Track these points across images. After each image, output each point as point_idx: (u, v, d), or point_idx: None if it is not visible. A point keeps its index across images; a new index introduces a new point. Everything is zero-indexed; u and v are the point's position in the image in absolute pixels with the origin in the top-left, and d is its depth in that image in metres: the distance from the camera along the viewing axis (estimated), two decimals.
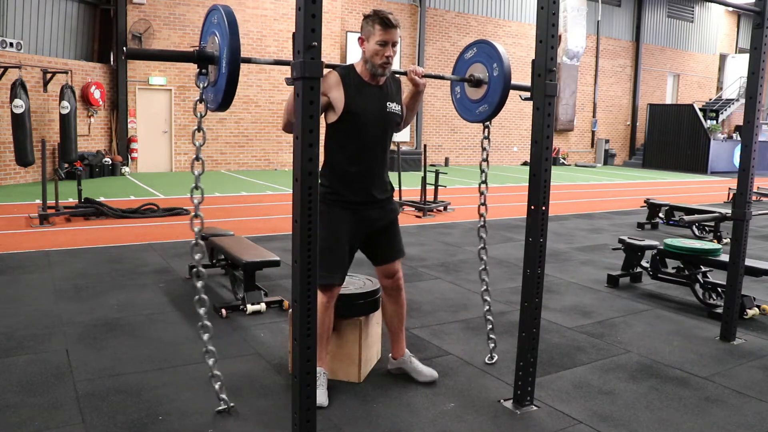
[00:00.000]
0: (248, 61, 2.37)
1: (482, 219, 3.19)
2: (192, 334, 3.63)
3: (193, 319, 3.86)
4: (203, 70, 2.35)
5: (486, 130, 3.17)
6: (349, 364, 2.99)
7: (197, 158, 2.49)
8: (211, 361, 2.65)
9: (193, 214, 2.54)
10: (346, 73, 2.74)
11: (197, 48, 2.36)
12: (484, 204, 3.17)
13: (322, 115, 2.75)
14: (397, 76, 2.89)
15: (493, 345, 3.35)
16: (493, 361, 3.33)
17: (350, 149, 2.76)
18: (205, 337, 2.64)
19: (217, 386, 2.65)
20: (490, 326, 3.33)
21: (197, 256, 2.58)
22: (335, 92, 2.70)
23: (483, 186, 3.17)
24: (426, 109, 18.45)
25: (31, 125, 10.54)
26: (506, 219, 8.17)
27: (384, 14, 2.66)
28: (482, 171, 3.17)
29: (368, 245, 2.92)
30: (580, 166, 20.95)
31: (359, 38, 2.74)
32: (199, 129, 2.46)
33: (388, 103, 2.80)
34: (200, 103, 2.41)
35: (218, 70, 2.29)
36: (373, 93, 2.76)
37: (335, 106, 2.71)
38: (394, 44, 2.69)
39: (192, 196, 2.51)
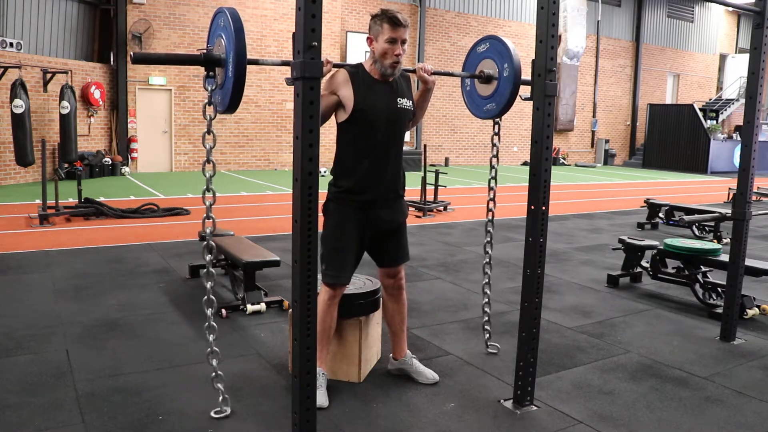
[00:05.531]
0: (255, 62, 2.37)
1: (491, 214, 3.24)
2: (192, 334, 3.63)
3: (193, 319, 3.87)
4: (210, 73, 2.36)
5: (496, 126, 3.19)
6: (349, 364, 2.99)
7: (208, 161, 2.49)
8: (214, 362, 2.65)
9: (205, 216, 2.55)
10: (355, 71, 2.72)
11: (204, 51, 2.37)
12: (493, 199, 3.22)
13: (333, 114, 2.74)
14: (406, 73, 2.86)
15: (488, 335, 3.40)
16: (494, 351, 3.39)
17: (362, 146, 2.72)
18: (211, 338, 2.63)
19: (221, 387, 2.65)
20: (486, 318, 3.38)
21: (208, 257, 2.58)
22: (344, 90, 2.67)
23: (492, 182, 3.22)
24: (426, 109, 18.43)
25: (31, 125, 10.54)
26: (506, 219, 8.17)
27: (392, 13, 2.65)
28: (492, 167, 3.20)
29: (374, 247, 2.90)
30: (580, 166, 20.95)
31: (368, 38, 2.72)
32: (209, 132, 2.46)
33: (399, 99, 2.77)
34: (209, 105, 2.41)
35: (225, 72, 2.29)
36: (383, 90, 2.73)
37: (345, 104, 2.68)
38: (403, 42, 2.66)
39: (204, 196, 2.52)
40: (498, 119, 3.15)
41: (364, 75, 2.72)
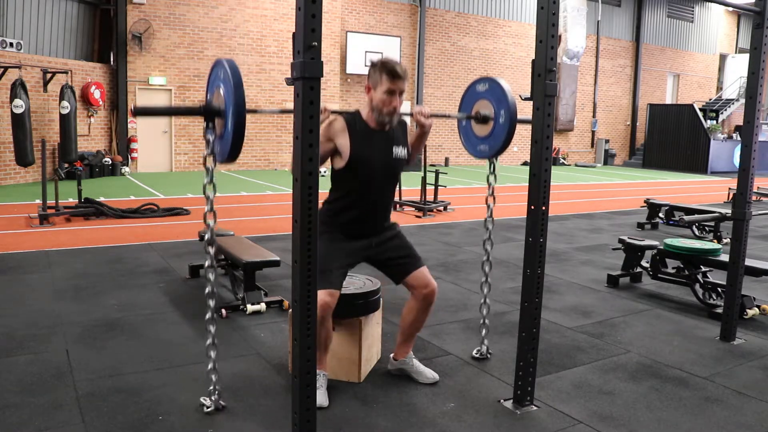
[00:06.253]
0: (254, 112, 2.45)
1: (487, 254, 3.24)
2: (192, 334, 3.63)
3: (193, 319, 3.87)
4: (210, 124, 2.40)
5: (492, 165, 3.19)
6: (349, 364, 2.99)
7: (211, 209, 2.53)
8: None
9: (208, 264, 2.57)
10: (352, 119, 2.78)
11: (204, 103, 2.42)
12: (489, 239, 3.23)
13: (329, 159, 2.80)
14: (403, 119, 2.92)
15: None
16: (482, 353, 3.34)
17: (356, 193, 2.80)
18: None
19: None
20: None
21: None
22: (341, 139, 2.74)
23: (489, 223, 3.22)
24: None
25: (31, 125, 10.54)
26: (506, 219, 8.17)
27: (392, 65, 2.69)
28: (488, 206, 3.20)
29: (381, 265, 2.95)
30: (580, 166, 20.95)
31: (366, 86, 2.78)
32: (211, 181, 2.50)
33: (394, 148, 2.84)
34: (209, 155, 2.44)
35: (225, 124, 2.32)
36: (379, 139, 2.80)
37: (342, 153, 2.74)
38: (401, 93, 2.73)
39: (206, 244, 2.56)
40: (494, 159, 3.16)
41: (360, 124, 2.78)
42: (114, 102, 13.49)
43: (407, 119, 2.99)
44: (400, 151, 2.86)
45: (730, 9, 23.49)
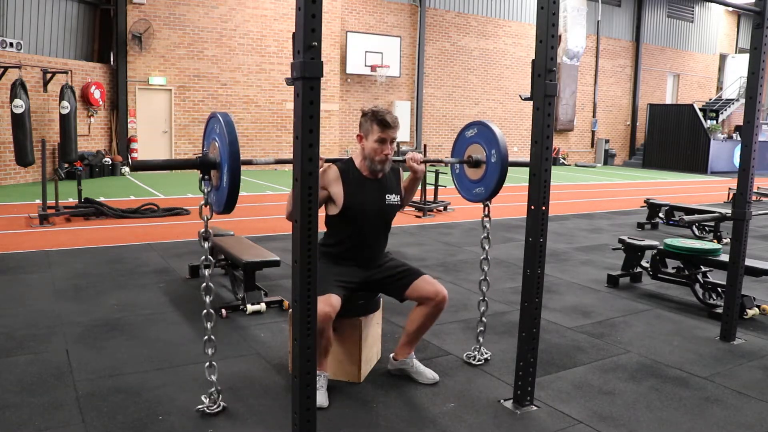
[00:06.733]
0: (249, 163, 2.53)
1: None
2: (192, 334, 3.63)
3: (193, 319, 3.87)
4: (206, 176, 2.45)
5: (486, 208, 3.21)
6: (349, 364, 2.99)
7: (207, 266, 2.62)
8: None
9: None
10: (346, 168, 2.84)
11: (200, 155, 2.46)
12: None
13: (323, 206, 2.84)
14: (395, 165, 2.96)
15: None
16: (482, 353, 3.33)
17: (350, 239, 2.87)
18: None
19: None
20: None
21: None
22: (335, 188, 2.80)
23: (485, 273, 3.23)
24: (426, 109, 18.46)
25: (31, 125, 10.54)
26: (506, 219, 8.17)
27: (382, 115, 2.74)
28: (484, 248, 3.21)
29: (380, 285, 2.97)
30: (580, 166, 20.94)
31: (358, 135, 2.85)
32: (206, 231, 2.55)
33: (387, 195, 2.90)
34: (205, 206, 2.49)
35: (220, 176, 2.37)
36: (372, 187, 2.86)
37: (335, 201, 2.81)
38: (392, 141, 2.78)
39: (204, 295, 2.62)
40: (488, 202, 3.19)
41: (354, 172, 2.84)
42: (114, 102, 13.49)
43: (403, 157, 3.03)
44: (392, 198, 2.93)
45: (730, 9, 23.49)
